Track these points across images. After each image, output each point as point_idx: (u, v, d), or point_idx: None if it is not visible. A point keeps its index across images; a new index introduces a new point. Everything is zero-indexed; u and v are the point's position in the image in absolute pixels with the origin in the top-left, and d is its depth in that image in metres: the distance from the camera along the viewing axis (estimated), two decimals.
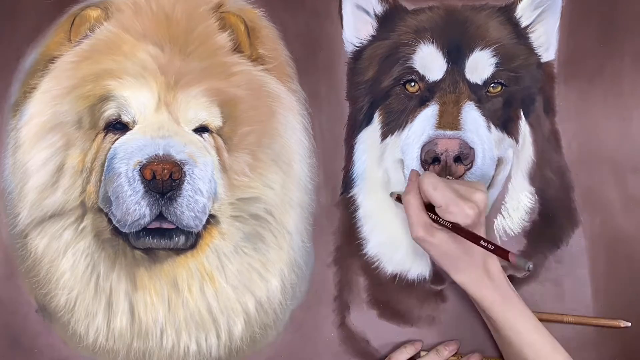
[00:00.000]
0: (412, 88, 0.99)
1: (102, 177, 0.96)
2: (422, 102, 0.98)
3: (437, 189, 0.87)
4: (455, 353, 0.99)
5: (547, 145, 1.01)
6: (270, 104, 1.01)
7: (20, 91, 1.01)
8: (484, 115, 0.97)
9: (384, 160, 1.01)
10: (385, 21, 1.02)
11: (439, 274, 1.01)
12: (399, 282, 1.02)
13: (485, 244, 0.83)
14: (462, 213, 0.86)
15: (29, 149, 0.99)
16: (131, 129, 0.97)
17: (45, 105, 0.98)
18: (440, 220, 0.88)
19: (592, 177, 1.00)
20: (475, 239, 0.85)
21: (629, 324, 0.87)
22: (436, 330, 1.01)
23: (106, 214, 0.97)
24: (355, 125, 1.03)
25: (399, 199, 0.96)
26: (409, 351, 0.99)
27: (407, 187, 0.92)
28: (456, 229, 0.87)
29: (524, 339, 0.88)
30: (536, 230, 1.01)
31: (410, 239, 0.94)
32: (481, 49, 0.98)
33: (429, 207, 0.90)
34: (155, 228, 0.95)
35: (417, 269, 1.02)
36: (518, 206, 1.00)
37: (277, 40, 1.03)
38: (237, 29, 1.01)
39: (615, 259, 0.99)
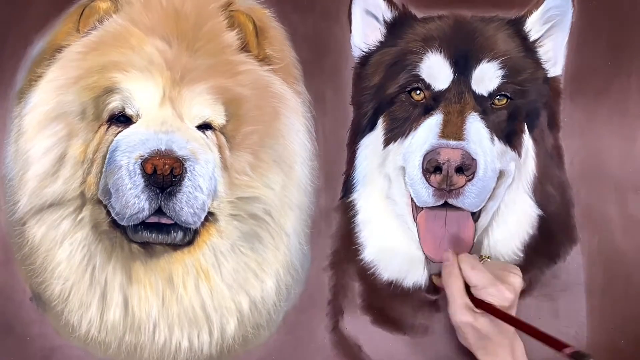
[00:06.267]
0: (418, 96, 0.99)
1: (103, 169, 0.96)
2: (427, 111, 0.98)
3: (475, 269, 0.90)
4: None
5: (550, 161, 1.01)
6: (275, 104, 1.01)
7: (26, 79, 1.01)
8: (488, 127, 0.97)
9: (385, 167, 1.01)
10: (394, 28, 1.02)
11: (434, 284, 1.01)
12: (394, 290, 1.02)
13: (537, 334, 0.83)
14: (501, 295, 0.88)
15: (32, 137, 0.99)
16: (134, 123, 0.96)
17: (50, 94, 0.98)
18: (477, 301, 0.89)
19: (592, 195, 1.00)
20: (514, 322, 0.86)
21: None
22: (429, 339, 1.01)
23: (105, 206, 0.97)
24: (359, 130, 1.03)
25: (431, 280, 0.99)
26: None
27: (447, 268, 0.93)
28: (494, 311, 0.88)
29: None
30: (534, 244, 1.01)
31: (408, 248, 0.95)
32: (488, 61, 0.98)
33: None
34: (154, 223, 0.95)
35: (412, 277, 1.02)
36: (517, 220, 1.00)
37: (284, 42, 1.03)
38: (246, 28, 1.01)
39: (612, 278, 0.99)
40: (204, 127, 0.98)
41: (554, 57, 1.01)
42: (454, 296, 0.90)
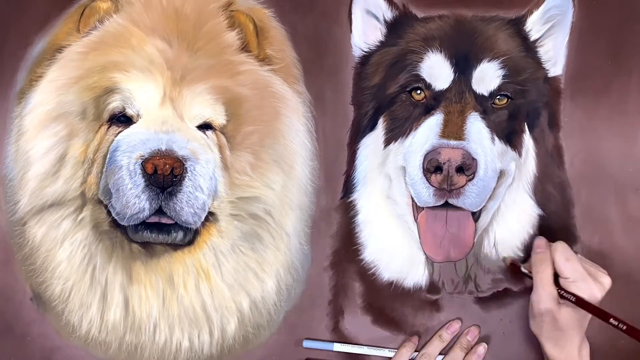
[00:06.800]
0: (418, 96, 0.99)
1: (104, 169, 0.96)
2: (427, 111, 0.98)
3: (570, 261, 0.90)
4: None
5: (550, 160, 1.01)
6: (275, 104, 1.01)
7: (27, 79, 1.01)
8: (488, 126, 0.97)
9: (385, 167, 1.01)
10: (394, 28, 1.02)
11: (434, 284, 1.01)
12: (395, 290, 1.02)
13: (617, 323, 0.85)
14: (590, 292, 0.88)
15: (32, 137, 0.99)
16: (135, 123, 0.96)
17: (50, 95, 0.98)
18: (563, 292, 0.90)
19: (593, 195, 1.00)
20: (604, 316, 0.86)
21: None
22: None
23: (106, 206, 0.97)
24: (359, 130, 1.03)
25: (513, 266, 0.98)
26: (409, 349, 0.99)
27: (538, 255, 0.93)
28: (582, 302, 0.88)
29: None
30: None
31: (409, 248, 0.94)
32: (489, 60, 0.98)
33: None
34: (154, 222, 0.95)
35: (413, 277, 1.02)
36: (518, 220, 1.00)
37: (285, 41, 1.03)
38: (246, 28, 1.01)
39: (612, 278, 0.99)
40: (205, 127, 0.98)
41: (554, 57, 1.01)
42: (542, 284, 0.91)
